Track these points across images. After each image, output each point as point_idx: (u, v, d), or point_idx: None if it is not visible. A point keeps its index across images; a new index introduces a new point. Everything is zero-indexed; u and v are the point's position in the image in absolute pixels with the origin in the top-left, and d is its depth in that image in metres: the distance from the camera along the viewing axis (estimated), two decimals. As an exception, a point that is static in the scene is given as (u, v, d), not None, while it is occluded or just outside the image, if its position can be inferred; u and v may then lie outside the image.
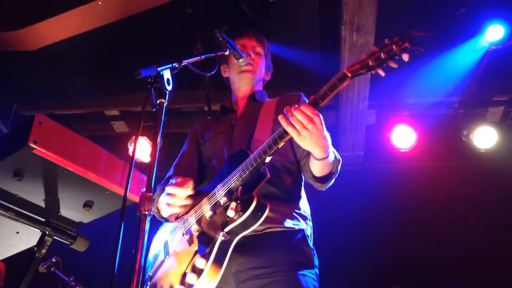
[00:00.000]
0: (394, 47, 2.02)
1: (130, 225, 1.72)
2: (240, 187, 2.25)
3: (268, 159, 2.23)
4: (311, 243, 2.45)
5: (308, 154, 2.40)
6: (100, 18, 4.79)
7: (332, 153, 2.33)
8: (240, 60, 2.72)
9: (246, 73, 2.89)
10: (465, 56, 5.09)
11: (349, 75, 2.07)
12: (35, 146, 1.97)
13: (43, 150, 2.00)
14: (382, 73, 2.07)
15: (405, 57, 2.01)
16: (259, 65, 2.97)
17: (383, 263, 5.51)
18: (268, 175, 2.26)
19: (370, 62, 2.05)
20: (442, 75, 5.18)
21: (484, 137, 5.46)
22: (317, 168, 2.36)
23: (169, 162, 2.89)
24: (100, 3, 4.56)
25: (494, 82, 5.46)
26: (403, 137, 5.53)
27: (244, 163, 2.27)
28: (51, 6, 4.63)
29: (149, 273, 2.42)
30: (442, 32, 4.93)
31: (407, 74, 5.04)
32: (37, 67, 5.33)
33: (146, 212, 1.77)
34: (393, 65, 2.05)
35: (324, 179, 2.43)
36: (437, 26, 4.91)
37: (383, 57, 2.03)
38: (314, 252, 2.43)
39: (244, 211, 2.16)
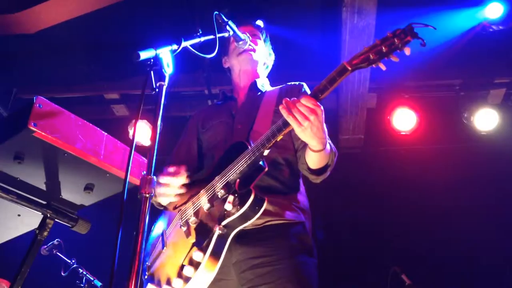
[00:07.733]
0: (396, 40, 1.99)
1: (131, 207, 1.72)
2: (238, 180, 2.24)
3: (266, 152, 2.21)
4: (310, 235, 2.45)
5: (304, 145, 2.37)
6: (99, 0, 4.75)
7: (329, 145, 2.32)
8: (240, 42, 2.71)
9: (244, 53, 2.88)
10: (466, 37, 5.06)
11: (349, 68, 2.05)
12: (34, 129, 1.95)
13: (43, 133, 1.98)
14: (383, 67, 2.04)
15: (407, 51, 2.00)
16: (258, 47, 2.96)
17: (383, 246, 5.54)
18: (266, 168, 2.24)
19: (371, 56, 2.03)
20: (442, 58, 5.14)
21: (485, 120, 5.46)
22: (313, 160, 2.34)
23: (170, 145, 2.89)
24: (98, -15, 4.53)
25: (495, 64, 5.43)
26: (404, 120, 5.52)
27: (242, 155, 2.26)
28: (49, -12, 4.59)
29: (147, 263, 2.41)
30: (445, 15, 4.89)
31: (408, 57, 5.01)
32: (36, 50, 5.30)
33: (147, 195, 1.77)
34: (394, 59, 2.03)
35: (319, 172, 2.41)
36: (440, 8, 4.87)
37: (384, 50, 2.01)
38: (313, 243, 2.43)
39: (241, 205, 2.15)
